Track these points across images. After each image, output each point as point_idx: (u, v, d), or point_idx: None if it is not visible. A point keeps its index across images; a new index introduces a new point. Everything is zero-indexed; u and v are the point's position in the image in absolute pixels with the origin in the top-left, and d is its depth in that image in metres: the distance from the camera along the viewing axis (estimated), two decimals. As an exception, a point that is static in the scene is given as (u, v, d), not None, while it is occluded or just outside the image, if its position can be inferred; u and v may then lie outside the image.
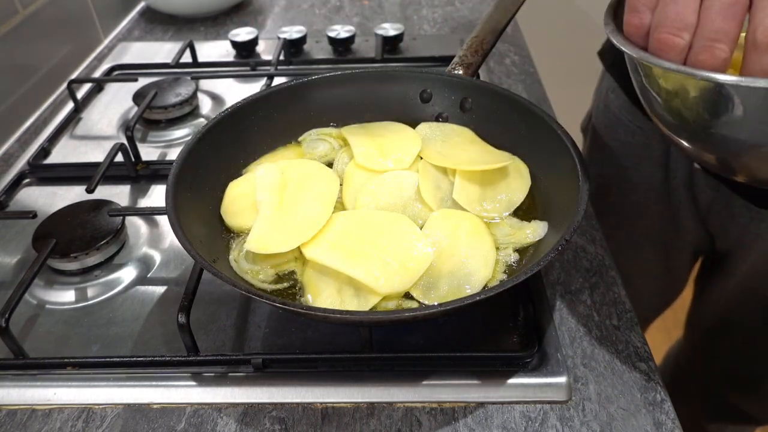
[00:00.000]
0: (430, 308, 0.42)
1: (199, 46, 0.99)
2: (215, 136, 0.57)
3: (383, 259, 0.48)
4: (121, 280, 0.59)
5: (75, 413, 0.48)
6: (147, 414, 0.48)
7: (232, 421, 0.47)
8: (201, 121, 0.82)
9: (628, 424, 0.46)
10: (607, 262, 0.60)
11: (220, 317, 0.54)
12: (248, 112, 0.60)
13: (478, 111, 0.63)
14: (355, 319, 0.46)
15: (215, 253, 0.51)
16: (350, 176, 0.58)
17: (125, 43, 1.05)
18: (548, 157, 0.56)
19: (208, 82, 0.89)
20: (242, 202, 0.56)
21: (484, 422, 0.46)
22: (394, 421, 0.47)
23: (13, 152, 0.79)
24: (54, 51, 0.92)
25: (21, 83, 0.84)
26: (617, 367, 0.50)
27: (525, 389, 0.48)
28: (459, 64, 0.64)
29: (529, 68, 0.94)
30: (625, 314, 0.55)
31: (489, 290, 0.42)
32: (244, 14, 1.16)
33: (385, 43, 0.95)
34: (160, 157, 0.76)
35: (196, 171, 0.54)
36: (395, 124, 0.64)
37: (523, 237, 0.52)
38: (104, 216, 0.62)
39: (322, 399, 0.48)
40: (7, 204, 0.69)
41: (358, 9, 1.16)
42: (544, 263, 0.43)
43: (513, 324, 0.52)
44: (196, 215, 0.52)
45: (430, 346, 0.51)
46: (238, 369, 0.50)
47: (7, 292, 0.52)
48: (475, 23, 0.89)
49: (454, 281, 0.49)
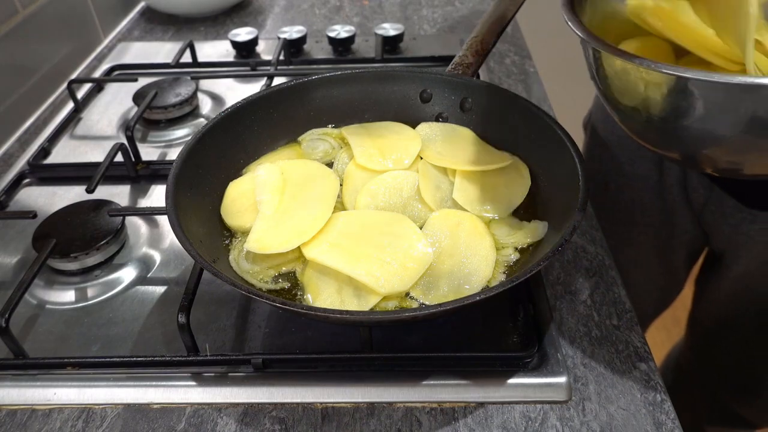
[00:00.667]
0: (430, 308, 0.41)
1: (199, 46, 0.99)
2: (215, 136, 0.57)
3: (383, 259, 0.48)
4: (121, 280, 0.59)
5: (75, 413, 0.48)
6: (147, 414, 0.48)
7: (232, 421, 0.47)
8: (201, 121, 0.82)
9: (628, 424, 0.46)
10: (607, 262, 0.60)
11: (220, 317, 0.54)
12: (248, 112, 0.60)
13: (478, 111, 0.63)
14: (355, 319, 0.46)
15: (215, 253, 0.51)
16: (350, 176, 0.58)
17: (125, 43, 1.05)
18: (548, 157, 0.56)
19: (208, 82, 0.89)
20: (242, 202, 0.56)
21: (484, 422, 0.46)
22: (394, 421, 0.47)
23: (13, 152, 0.79)
24: (54, 51, 0.92)
25: (21, 83, 0.84)
26: (617, 367, 0.50)
27: (525, 389, 0.48)
28: (459, 64, 0.64)
29: (529, 68, 0.94)
30: (625, 314, 0.55)
31: (489, 290, 0.42)
32: (244, 14, 1.16)
33: (385, 43, 0.95)
34: (160, 157, 0.76)
35: (196, 171, 0.54)
36: (395, 124, 0.64)
37: (523, 237, 0.52)
38: (104, 216, 0.62)
39: (322, 399, 0.48)
40: (7, 204, 0.69)
41: (358, 9, 1.16)
42: (544, 263, 0.43)
43: (513, 324, 0.52)
44: (196, 215, 0.52)
45: (430, 346, 0.51)
46: (238, 369, 0.50)
47: (7, 292, 0.52)
48: (475, 23, 0.89)
49: (454, 281, 0.49)
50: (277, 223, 0.52)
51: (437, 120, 0.65)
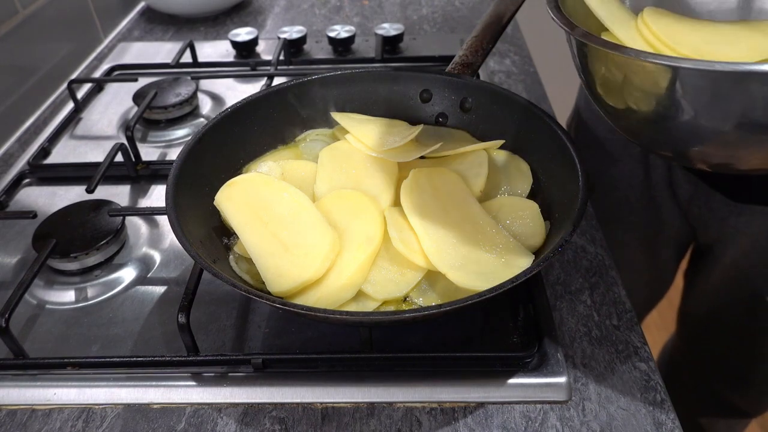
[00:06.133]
0: (430, 308, 0.41)
1: (199, 46, 0.99)
2: (215, 136, 0.57)
3: (380, 265, 0.49)
4: (121, 280, 0.59)
5: (75, 413, 0.48)
6: (147, 414, 0.48)
7: (232, 421, 0.47)
8: (201, 121, 0.82)
9: (628, 424, 0.46)
10: (607, 262, 0.60)
11: (220, 317, 0.54)
12: (248, 112, 0.60)
13: (478, 111, 0.63)
14: (355, 320, 0.46)
15: (215, 254, 0.51)
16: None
17: (125, 43, 1.05)
18: (548, 156, 0.56)
19: (208, 82, 0.89)
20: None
21: (484, 422, 0.46)
22: (394, 421, 0.47)
23: (13, 152, 0.79)
24: (54, 51, 0.92)
25: (21, 83, 0.84)
26: (617, 367, 0.50)
27: (525, 389, 0.48)
28: (459, 64, 0.64)
29: (529, 68, 0.94)
30: (625, 314, 0.55)
31: (489, 290, 0.42)
32: (244, 14, 1.16)
33: (385, 43, 0.95)
34: (160, 157, 0.76)
35: (196, 171, 0.54)
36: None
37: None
38: (104, 216, 0.62)
39: (322, 399, 0.48)
40: (7, 204, 0.69)
41: (358, 9, 1.16)
42: (544, 263, 0.43)
43: (513, 324, 0.52)
44: (196, 215, 0.52)
45: (430, 346, 0.51)
46: (238, 369, 0.50)
47: (7, 292, 0.52)
48: (475, 23, 0.89)
49: (451, 285, 0.49)
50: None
51: (437, 120, 0.65)
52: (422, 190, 0.52)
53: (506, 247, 0.48)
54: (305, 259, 0.47)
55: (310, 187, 0.56)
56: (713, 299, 0.84)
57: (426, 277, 0.49)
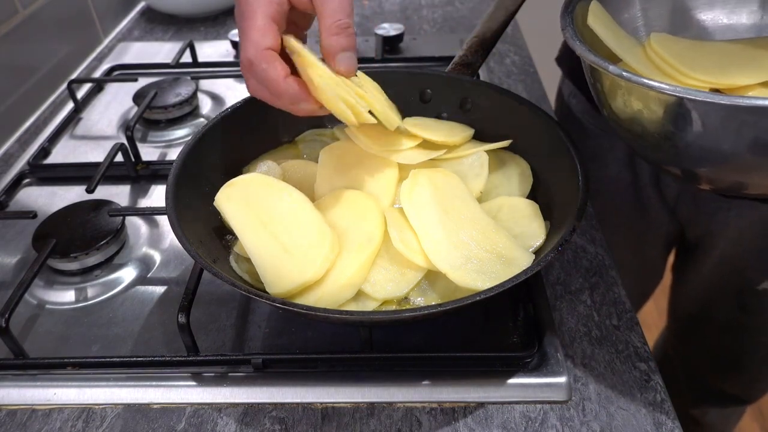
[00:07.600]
0: (430, 308, 0.41)
1: (199, 46, 0.99)
2: (215, 136, 0.57)
3: (380, 265, 0.48)
4: (121, 280, 0.59)
5: (75, 413, 0.48)
6: (147, 414, 0.48)
7: (232, 421, 0.47)
8: (201, 121, 0.82)
9: (628, 424, 0.46)
10: (607, 262, 0.60)
11: (220, 317, 0.54)
12: (248, 112, 0.60)
13: (478, 111, 0.63)
14: (355, 319, 0.46)
15: (215, 253, 0.51)
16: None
17: (125, 43, 1.05)
18: (548, 157, 0.56)
19: (208, 82, 0.89)
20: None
21: (484, 422, 0.46)
22: (394, 421, 0.47)
23: (13, 152, 0.79)
24: (54, 51, 0.92)
25: (21, 83, 0.84)
26: (617, 367, 0.50)
27: (525, 389, 0.48)
28: (459, 64, 0.64)
29: (529, 68, 0.94)
30: (625, 314, 0.55)
31: (489, 290, 0.42)
32: (244, 14, 1.15)
33: (385, 43, 0.95)
34: (160, 157, 0.76)
35: (196, 171, 0.54)
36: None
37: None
38: (104, 216, 0.62)
39: (322, 399, 0.48)
40: (7, 204, 0.69)
41: (358, 9, 1.16)
42: (544, 263, 0.43)
43: (513, 324, 0.52)
44: (196, 215, 0.52)
45: (430, 346, 0.51)
46: (238, 369, 0.50)
47: (7, 292, 0.52)
48: (475, 23, 0.88)
49: (451, 284, 0.49)
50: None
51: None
52: (422, 190, 0.52)
53: (506, 247, 0.48)
54: (304, 260, 0.47)
55: (310, 187, 0.56)
56: (704, 291, 0.85)
57: (426, 276, 0.49)
